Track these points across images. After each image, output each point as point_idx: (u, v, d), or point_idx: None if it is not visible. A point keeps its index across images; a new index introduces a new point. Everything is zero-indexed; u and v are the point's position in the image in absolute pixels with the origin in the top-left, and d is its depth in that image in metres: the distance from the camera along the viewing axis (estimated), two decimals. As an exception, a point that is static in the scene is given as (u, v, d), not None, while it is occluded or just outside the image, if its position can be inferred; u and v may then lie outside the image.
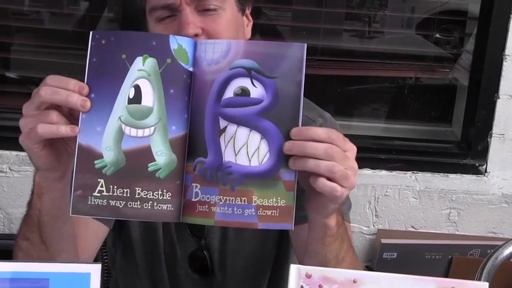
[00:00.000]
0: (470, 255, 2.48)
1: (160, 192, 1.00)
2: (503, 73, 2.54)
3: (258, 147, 1.01)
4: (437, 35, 2.96)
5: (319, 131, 1.00)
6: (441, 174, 2.63)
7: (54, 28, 2.92)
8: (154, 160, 1.00)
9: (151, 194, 1.00)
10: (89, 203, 0.99)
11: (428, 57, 2.94)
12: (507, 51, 2.51)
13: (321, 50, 2.80)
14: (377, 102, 3.23)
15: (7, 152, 2.53)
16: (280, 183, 1.00)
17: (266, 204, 1.00)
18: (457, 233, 2.59)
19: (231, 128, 1.02)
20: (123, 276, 1.53)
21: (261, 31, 2.87)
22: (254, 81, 1.02)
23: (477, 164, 2.65)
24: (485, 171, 2.64)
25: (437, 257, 2.46)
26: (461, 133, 2.74)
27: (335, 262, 1.15)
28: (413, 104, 3.09)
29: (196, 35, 1.24)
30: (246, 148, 1.01)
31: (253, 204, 1.00)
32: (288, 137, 1.00)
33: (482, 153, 2.63)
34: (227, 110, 1.02)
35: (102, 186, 1.00)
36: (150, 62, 1.01)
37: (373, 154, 2.61)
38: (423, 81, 3.10)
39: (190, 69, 1.03)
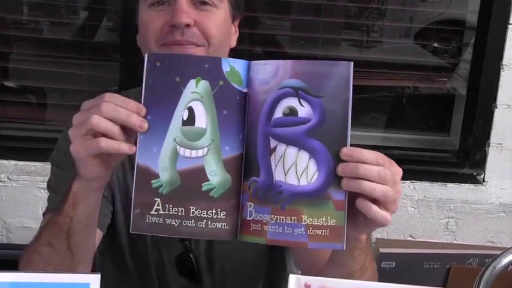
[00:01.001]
0: (468, 264, 2.47)
1: (214, 211, 1.02)
2: (501, 83, 2.54)
3: (307, 167, 1.01)
4: (436, 44, 2.97)
5: (368, 154, 1.00)
6: (439, 183, 2.64)
7: (53, 37, 2.92)
8: (208, 180, 1.03)
9: (205, 213, 1.02)
10: (147, 221, 1.03)
11: (426, 66, 2.95)
12: (504, 61, 2.52)
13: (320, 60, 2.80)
14: (375, 112, 3.24)
15: (5, 162, 2.53)
16: (330, 203, 0.99)
17: (316, 223, 0.99)
18: (455, 242, 2.59)
19: (281, 148, 1.02)
20: (112, 284, 1.53)
21: (260, 40, 2.88)
22: (301, 100, 1.02)
23: (475, 174, 2.65)
24: (483, 181, 2.64)
25: (435, 266, 2.46)
26: (459, 142, 2.74)
27: (359, 273, 1.15)
28: (411, 113, 3.10)
29: (187, 25, 1.26)
30: (295, 167, 1.01)
31: (302, 223, 1.00)
32: (336, 156, 0.99)
33: (480, 163, 2.64)
34: (277, 129, 1.03)
35: (158, 205, 1.02)
36: (203, 84, 1.03)
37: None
38: (421, 90, 3.11)
39: (244, 90, 1.05)
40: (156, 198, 1.02)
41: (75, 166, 1.10)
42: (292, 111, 1.02)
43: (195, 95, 1.03)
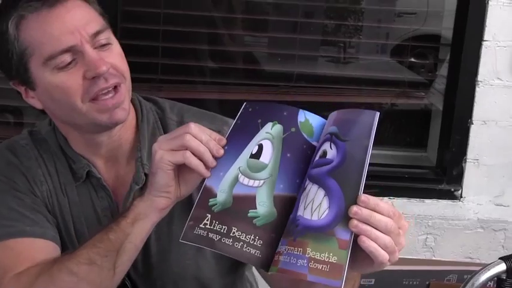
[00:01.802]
0: (447, 280, 2.47)
1: (252, 237, 1.09)
2: (476, 99, 2.56)
3: (320, 203, 1.05)
4: (412, 59, 2.99)
5: (383, 206, 1.05)
6: (417, 199, 2.64)
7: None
8: (256, 208, 1.11)
9: (244, 236, 1.09)
10: (195, 232, 1.12)
11: (403, 82, 2.96)
12: (479, 77, 2.54)
13: (296, 77, 2.81)
14: (353, 128, 3.22)
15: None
16: (334, 240, 1.02)
17: (318, 257, 1.02)
18: (433, 258, 2.59)
19: (309, 186, 1.09)
20: None
21: (237, 57, 2.87)
22: (332, 144, 1.09)
23: (452, 189, 2.66)
24: (461, 196, 2.65)
25: (414, 283, 2.45)
26: (437, 158, 2.76)
27: None
28: (388, 130, 3.10)
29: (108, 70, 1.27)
30: (311, 203, 1.07)
31: (306, 255, 1.03)
32: (347, 198, 1.03)
33: (457, 179, 2.65)
34: (311, 170, 1.10)
35: (207, 220, 1.12)
36: (277, 128, 1.16)
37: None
38: (399, 106, 3.12)
39: (313, 142, 1.14)
40: (207, 214, 1.12)
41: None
42: (324, 154, 1.09)
43: (267, 135, 1.15)
